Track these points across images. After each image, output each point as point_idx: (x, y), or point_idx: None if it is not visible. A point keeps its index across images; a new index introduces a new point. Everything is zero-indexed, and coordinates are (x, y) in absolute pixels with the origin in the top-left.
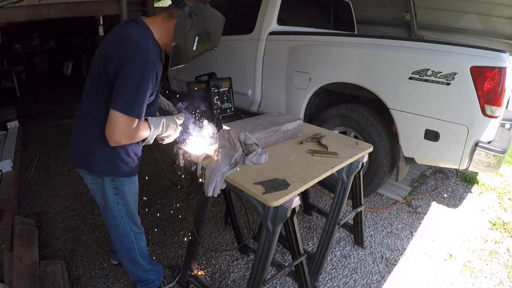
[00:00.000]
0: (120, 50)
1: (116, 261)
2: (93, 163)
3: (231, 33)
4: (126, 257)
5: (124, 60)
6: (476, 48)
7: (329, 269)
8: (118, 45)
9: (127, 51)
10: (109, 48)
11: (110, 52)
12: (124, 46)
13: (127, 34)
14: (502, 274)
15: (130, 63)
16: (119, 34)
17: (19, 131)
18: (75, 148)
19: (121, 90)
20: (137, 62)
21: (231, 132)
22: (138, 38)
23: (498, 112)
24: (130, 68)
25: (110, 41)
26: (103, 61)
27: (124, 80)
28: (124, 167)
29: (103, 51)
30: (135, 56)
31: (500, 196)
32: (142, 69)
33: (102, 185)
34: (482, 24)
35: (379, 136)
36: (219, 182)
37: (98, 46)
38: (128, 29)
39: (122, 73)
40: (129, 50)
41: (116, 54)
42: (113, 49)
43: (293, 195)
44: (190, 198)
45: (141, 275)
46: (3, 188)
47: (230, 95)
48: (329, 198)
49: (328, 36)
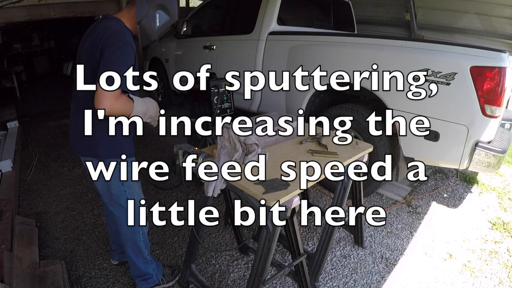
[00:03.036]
0: (102, 38)
1: (117, 261)
2: (99, 149)
3: (231, 33)
4: (130, 241)
5: (106, 43)
6: (476, 48)
7: (329, 269)
8: (100, 35)
9: (108, 36)
10: (92, 42)
11: (94, 43)
12: (104, 33)
13: (105, 25)
14: (502, 274)
15: (112, 44)
16: (98, 28)
17: (19, 131)
18: (78, 140)
19: (106, 67)
20: (117, 43)
21: (231, 132)
22: (114, 27)
23: (498, 112)
24: (111, 48)
25: (91, 35)
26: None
27: (107, 58)
28: (125, 146)
29: (87, 48)
30: (115, 39)
31: (500, 196)
32: (122, 46)
33: (108, 167)
34: (482, 24)
35: (379, 136)
36: (219, 182)
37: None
38: (104, 23)
39: (105, 54)
40: (110, 35)
41: (99, 43)
42: (96, 39)
43: (293, 195)
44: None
45: (141, 267)
46: (3, 188)
47: (230, 95)
48: (329, 198)
49: (328, 36)
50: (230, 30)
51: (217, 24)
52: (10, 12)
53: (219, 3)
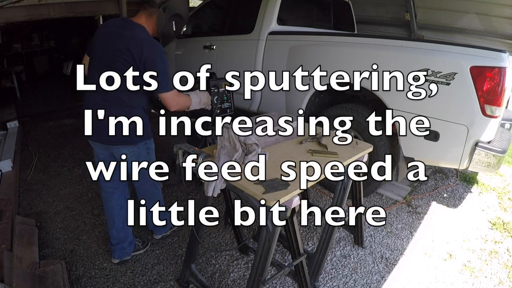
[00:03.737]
0: (143, 51)
1: (118, 259)
2: (133, 136)
3: (231, 33)
4: (154, 203)
5: (149, 56)
6: (476, 48)
7: (329, 269)
8: (140, 48)
9: (149, 49)
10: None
11: (135, 53)
12: (145, 47)
13: (140, 36)
14: (502, 274)
15: (155, 56)
16: (136, 38)
17: (19, 131)
18: (107, 130)
19: (160, 78)
20: (157, 53)
21: (231, 132)
22: (148, 37)
23: (498, 112)
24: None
25: (127, 43)
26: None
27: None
28: (148, 132)
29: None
30: (154, 49)
31: (500, 196)
32: (161, 54)
33: (138, 149)
34: (482, 24)
35: (379, 136)
36: (219, 182)
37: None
38: (136, 32)
39: (156, 66)
40: (149, 48)
41: (141, 55)
42: (136, 51)
43: (293, 195)
44: (189, 197)
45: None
46: (3, 188)
47: (230, 95)
48: (329, 198)
49: (328, 36)
50: (230, 30)
51: (217, 24)
52: (10, 12)
53: (219, 3)
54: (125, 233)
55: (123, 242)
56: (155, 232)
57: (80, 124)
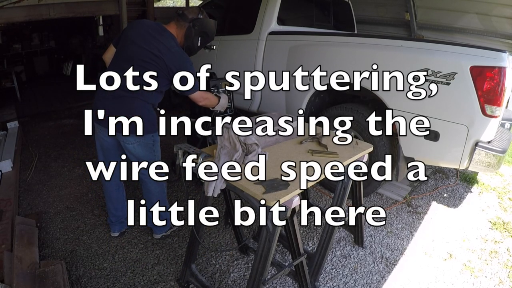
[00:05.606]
0: (175, 60)
1: (117, 232)
2: (142, 127)
3: (231, 33)
4: (160, 195)
5: (179, 64)
6: (476, 48)
7: (329, 269)
8: (172, 57)
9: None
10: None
11: (166, 60)
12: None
13: (172, 45)
14: (502, 274)
15: (184, 64)
16: (167, 47)
17: (19, 131)
18: (118, 119)
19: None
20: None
21: (231, 132)
22: (177, 47)
23: (498, 112)
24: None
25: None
26: (160, 64)
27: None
28: (155, 125)
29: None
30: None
31: (500, 196)
32: (189, 62)
33: (144, 140)
34: (482, 24)
35: (379, 136)
36: (219, 182)
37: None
38: (168, 41)
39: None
40: (179, 58)
41: (172, 63)
42: (168, 59)
43: (293, 195)
44: (189, 197)
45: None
46: (3, 188)
47: (230, 95)
48: (329, 198)
49: (328, 36)
50: (230, 30)
51: (217, 24)
52: (10, 12)
53: (219, 3)
54: (123, 211)
55: (121, 217)
56: (155, 232)
57: (80, 124)
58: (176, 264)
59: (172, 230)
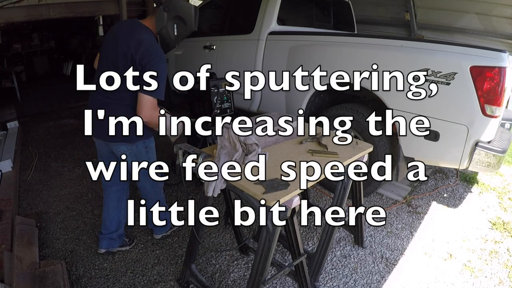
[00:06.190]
0: (140, 51)
1: (104, 249)
2: (132, 135)
3: (231, 33)
4: (158, 195)
5: (146, 57)
6: (476, 48)
7: (329, 269)
8: (139, 48)
9: (145, 49)
10: (131, 50)
11: (134, 53)
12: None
13: (143, 38)
14: (502, 274)
15: (153, 57)
16: (136, 39)
17: (19, 131)
18: (107, 127)
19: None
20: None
21: (231, 132)
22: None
23: (498, 112)
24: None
25: (128, 45)
26: (129, 60)
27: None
28: (148, 131)
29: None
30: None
31: (500, 196)
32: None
33: (136, 148)
34: (482, 24)
35: (379, 136)
36: (219, 182)
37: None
38: (141, 34)
39: (148, 67)
40: (148, 48)
41: (137, 54)
42: (136, 51)
43: (293, 195)
44: (189, 197)
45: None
46: (3, 188)
47: (230, 95)
48: (329, 198)
49: (328, 36)
50: (230, 30)
51: (217, 24)
52: (10, 12)
53: (219, 3)
54: (117, 225)
55: (113, 233)
56: (155, 232)
57: (80, 124)
58: (176, 264)
59: (172, 230)
